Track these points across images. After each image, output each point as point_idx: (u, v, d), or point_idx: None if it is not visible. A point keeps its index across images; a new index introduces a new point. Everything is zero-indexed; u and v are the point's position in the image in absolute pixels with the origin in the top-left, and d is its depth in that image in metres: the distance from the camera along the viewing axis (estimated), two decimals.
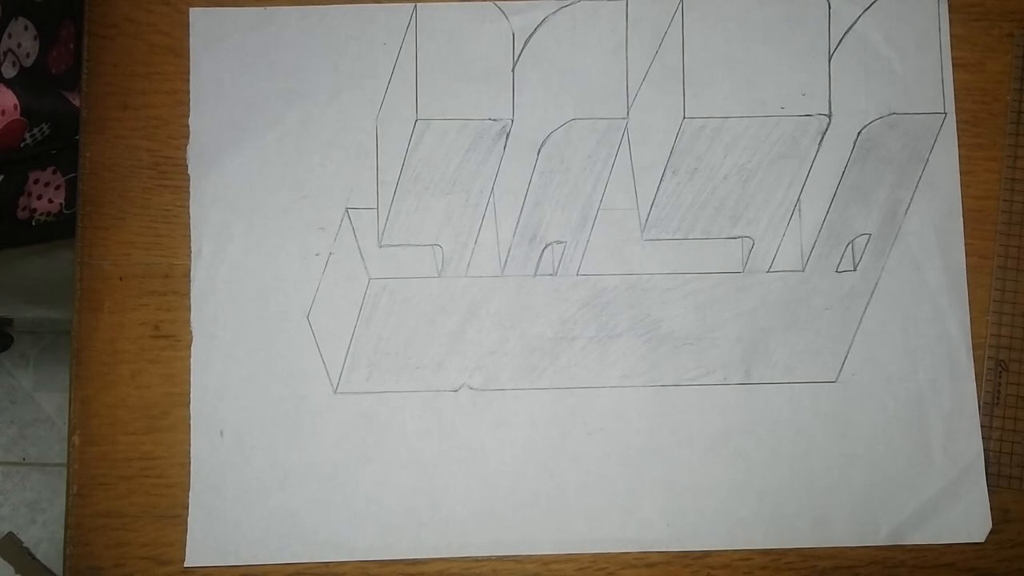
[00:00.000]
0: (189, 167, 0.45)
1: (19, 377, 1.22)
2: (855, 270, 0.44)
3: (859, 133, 0.45)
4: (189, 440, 0.43)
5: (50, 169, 0.60)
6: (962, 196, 0.45)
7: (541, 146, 0.45)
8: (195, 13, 0.45)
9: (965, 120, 0.45)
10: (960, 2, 0.45)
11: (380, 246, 0.44)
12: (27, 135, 0.53)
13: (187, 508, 0.43)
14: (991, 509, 0.43)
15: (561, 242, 0.44)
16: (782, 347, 0.44)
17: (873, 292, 0.44)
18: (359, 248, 0.44)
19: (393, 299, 0.44)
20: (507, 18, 0.45)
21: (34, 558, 0.98)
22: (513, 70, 0.45)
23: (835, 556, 0.43)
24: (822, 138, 0.45)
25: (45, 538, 1.17)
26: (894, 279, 0.44)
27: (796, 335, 0.44)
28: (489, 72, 0.45)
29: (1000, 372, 0.44)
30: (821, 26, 0.45)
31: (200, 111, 0.45)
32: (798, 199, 0.44)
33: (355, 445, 0.43)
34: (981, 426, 0.43)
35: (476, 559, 0.43)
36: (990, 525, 0.43)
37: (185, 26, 0.45)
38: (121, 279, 0.44)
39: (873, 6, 0.45)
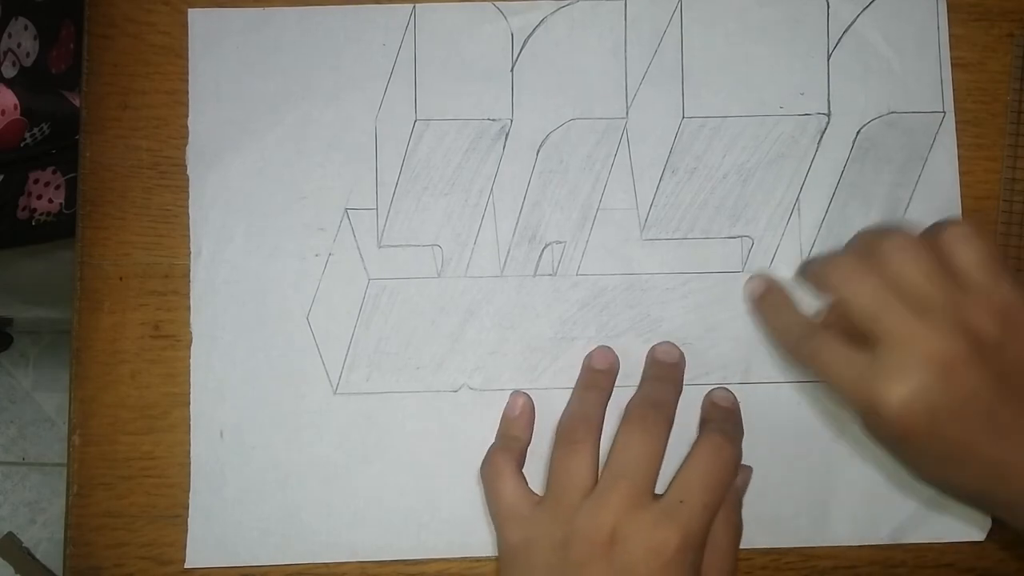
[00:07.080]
0: (189, 167, 0.45)
1: (19, 377, 1.22)
2: None
3: (858, 132, 0.45)
4: (189, 440, 0.43)
5: (50, 169, 0.61)
6: (961, 196, 0.44)
7: (540, 146, 0.45)
8: (194, 13, 0.45)
9: (965, 120, 0.45)
10: (960, 2, 0.45)
11: (380, 246, 0.44)
12: (27, 135, 0.53)
13: (187, 508, 0.43)
14: None
15: (561, 242, 0.44)
16: None
17: None
18: (359, 248, 0.44)
19: (393, 299, 0.44)
20: (506, 18, 0.45)
21: (34, 558, 0.99)
22: (512, 70, 0.45)
23: (835, 556, 0.43)
24: (821, 137, 0.45)
25: (45, 538, 1.17)
26: None
27: None
28: (488, 72, 0.45)
29: None
30: (820, 26, 0.45)
31: (200, 111, 0.45)
32: (797, 198, 0.44)
33: (355, 445, 0.43)
34: None
35: (476, 559, 0.43)
36: (990, 524, 0.43)
37: (185, 26, 0.45)
38: (121, 279, 0.44)
39: (872, 5, 0.45)
